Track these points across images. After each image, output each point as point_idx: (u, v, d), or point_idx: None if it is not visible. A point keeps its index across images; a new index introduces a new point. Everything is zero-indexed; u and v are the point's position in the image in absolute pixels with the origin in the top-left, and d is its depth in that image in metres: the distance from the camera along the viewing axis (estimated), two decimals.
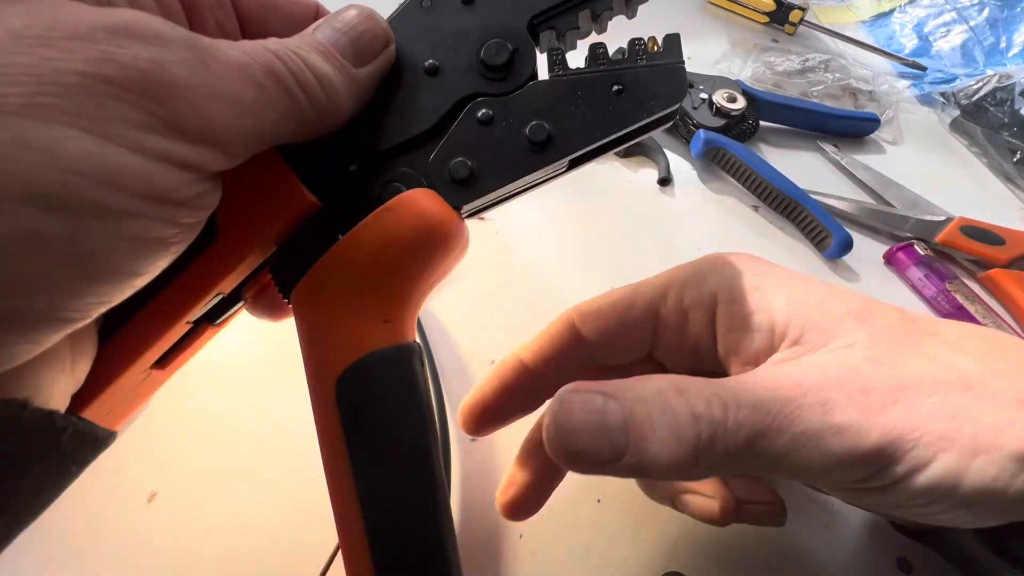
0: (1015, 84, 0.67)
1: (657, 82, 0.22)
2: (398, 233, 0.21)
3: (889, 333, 0.20)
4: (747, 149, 0.56)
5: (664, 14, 0.80)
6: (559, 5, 0.22)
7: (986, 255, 0.53)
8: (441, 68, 0.22)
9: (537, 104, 0.22)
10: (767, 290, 0.22)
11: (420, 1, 0.23)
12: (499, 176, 0.22)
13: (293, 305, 0.22)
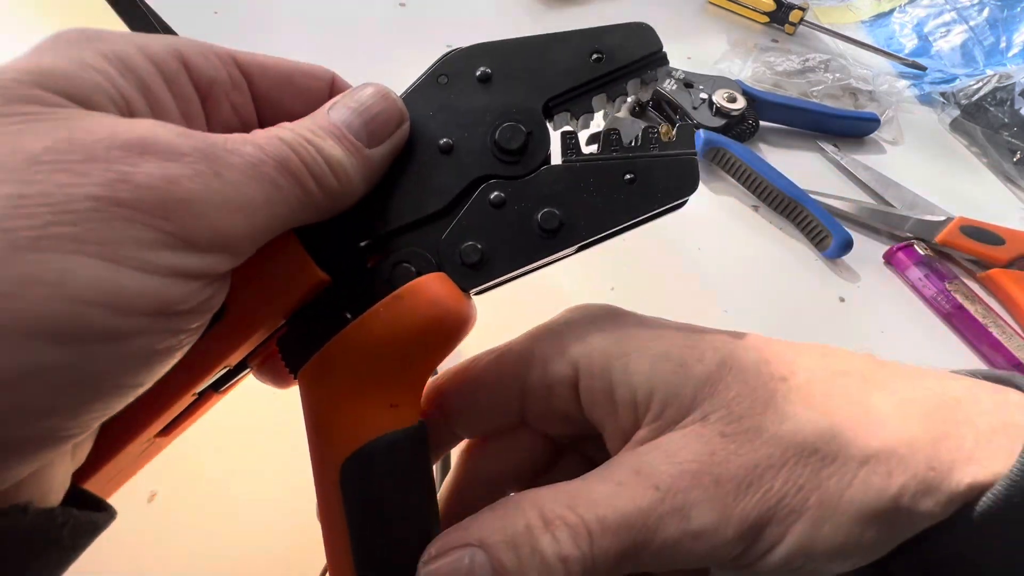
0: (1015, 84, 0.67)
1: (669, 173, 0.22)
2: (408, 322, 0.21)
3: (744, 397, 0.20)
4: (747, 149, 0.56)
5: (664, 14, 0.80)
6: (575, 88, 0.23)
7: (986, 255, 0.53)
8: (455, 147, 0.22)
9: (549, 189, 0.22)
10: (630, 357, 0.21)
11: (436, 77, 0.23)
12: (509, 261, 0.22)
13: (299, 383, 0.22)
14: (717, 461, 0.19)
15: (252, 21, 0.68)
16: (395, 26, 0.70)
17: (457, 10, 0.74)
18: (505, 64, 0.22)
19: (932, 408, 0.19)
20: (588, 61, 0.22)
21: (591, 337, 0.22)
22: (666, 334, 0.22)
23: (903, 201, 0.58)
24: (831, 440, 0.19)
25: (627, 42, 0.23)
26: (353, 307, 0.21)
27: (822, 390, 0.20)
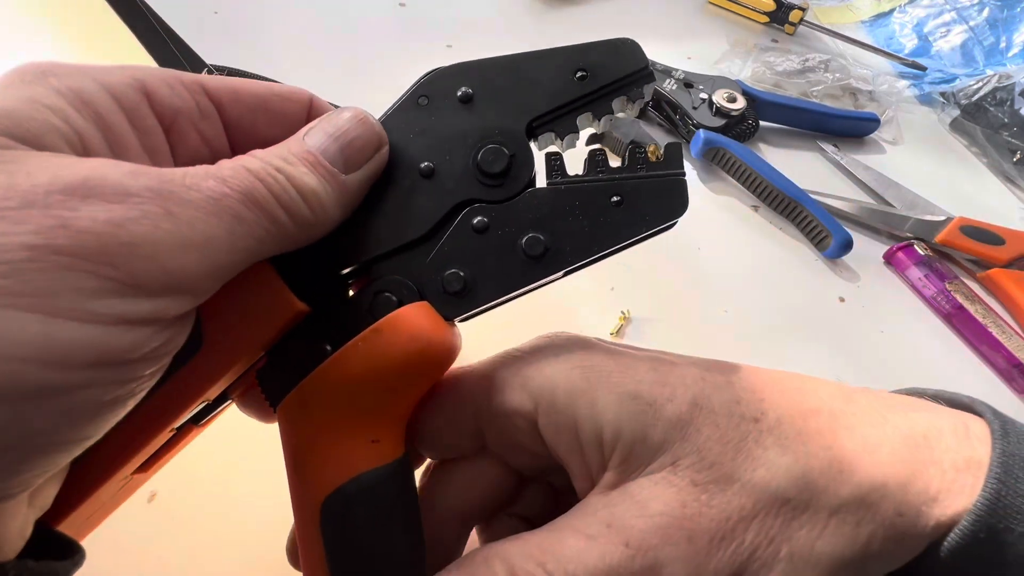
0: (1015, 84, 0.67)
1: (657, 194, 0.21)
2: (388, 355, 0.20)
3: (715, 440, 0.19)
4: (747, 149, 0.56)
5: (664, 14, 0.80)
6: (559, 108, 0.22)
7: (986, 255, 0.53)
8: (436, 171, 0.22)
9: (534, 213, 0.21)
10: (596, 394, 0.20)
11: (417, 98, 0.22)
12: (493, 289, 0.22)
13: (279, 417, 0.21)
14: (689, 514, 0.19)
15: (252, 21, 0.68)
16: (395, 26, 0.70)
17: (457, 10, 0.74)
18: (487, 84, 0.22)
19: (900, 449, 0.19)
20: (572, 79, 0.22)
21: (556, 369, 0.21)
22: (636, 368, 0.21)
23: (903, 201, 0.58)
24: (803, 489, 0.19)
25: (612, 59, 0.22)
26: (333, 338, 0.21)
27: (794, 431, 0.20)
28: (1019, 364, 0.47)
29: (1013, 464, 0.18)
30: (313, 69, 0.63)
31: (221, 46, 0.62)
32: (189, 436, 0.25)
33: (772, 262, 0.53)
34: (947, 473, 0.19)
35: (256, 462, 0.34)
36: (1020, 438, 0.19)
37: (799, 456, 0.19)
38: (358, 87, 0.61)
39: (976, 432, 0.19)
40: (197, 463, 0.34)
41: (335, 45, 0.67)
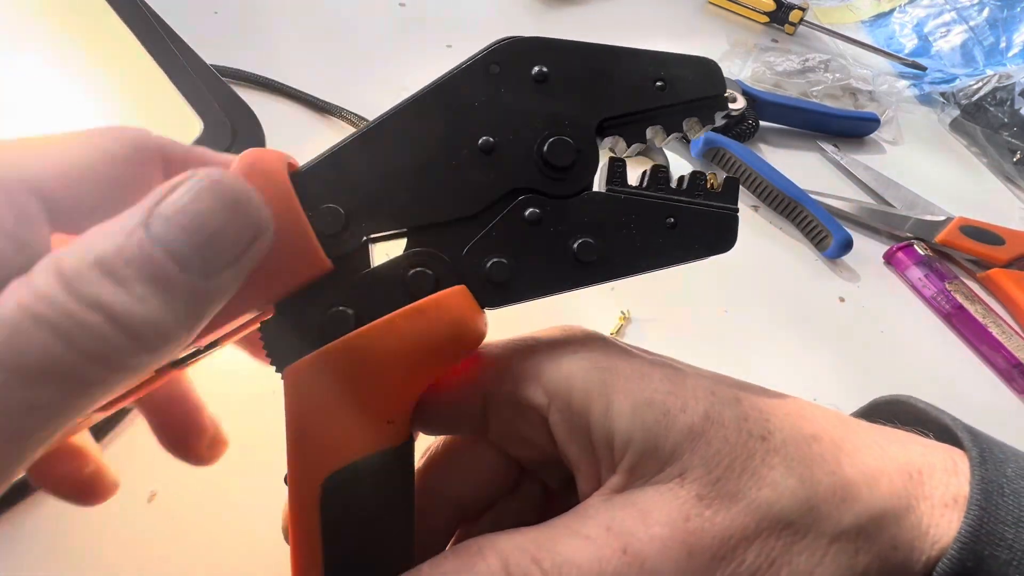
0: (1015, 84, 0.67)
1: (710, 226, 0.21)
2: (428, 338, 0.19)
3: (724, 455, 0.19)
4: (747, 149, 0.56)
5: (664, 14, 0.80)
6: (634, 113, 0.21)
7: (986, 255, 0.53)
8: (496, 149, 0.20)
9: (590, 217, 0.21)
10: (612, 399, 0.20)
11: (488, 64, 0.20)
12: (537, 286, 0.21)
13: (285, 381, 0.20)
14: (691, 529, 0.19)
15: (252, 21, 0.68)
16: (395, 26, 0.70)
17: (457, 10, 0.74)
18: (564, 68, 0.20)
19: (897, 480, 0.19)
20: (652, 86, 0.21)
21: (573, 367, 0.21)
22: (651, 375, 0.21)
23: (903, 201, 0.58)
24: (806, 513, 0.19)
25: (693, 76, 0.21)
26: (356, 304, 0.20)
27: (799, 454, 0.19)
28: (1019, 364, 0.47)
29: (992, 491, 0.18)
30: (313, 69, 0.63)
31: (221, 46, 0.62)
32: (164, 378, 0.23)
33: (772, 262, 0.53)
34: (936, 508, 0.19)
35: (257, 462, 0.34)
36: (997, 464, 0.19)
37: (804, 479, 0.19)
38: (358, 87, 0.61)
39: (963, 469, 0.20)
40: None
41: (335, 45, 0.67)
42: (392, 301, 0.20)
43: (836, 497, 0.19)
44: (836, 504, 0.19)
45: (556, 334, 0.23)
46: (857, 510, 0.19)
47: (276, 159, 0.19)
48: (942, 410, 0.22)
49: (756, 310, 0.49)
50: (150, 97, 0.47)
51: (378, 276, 0.20)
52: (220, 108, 0.50)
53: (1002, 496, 0.18)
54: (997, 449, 0.20)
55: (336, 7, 0.72)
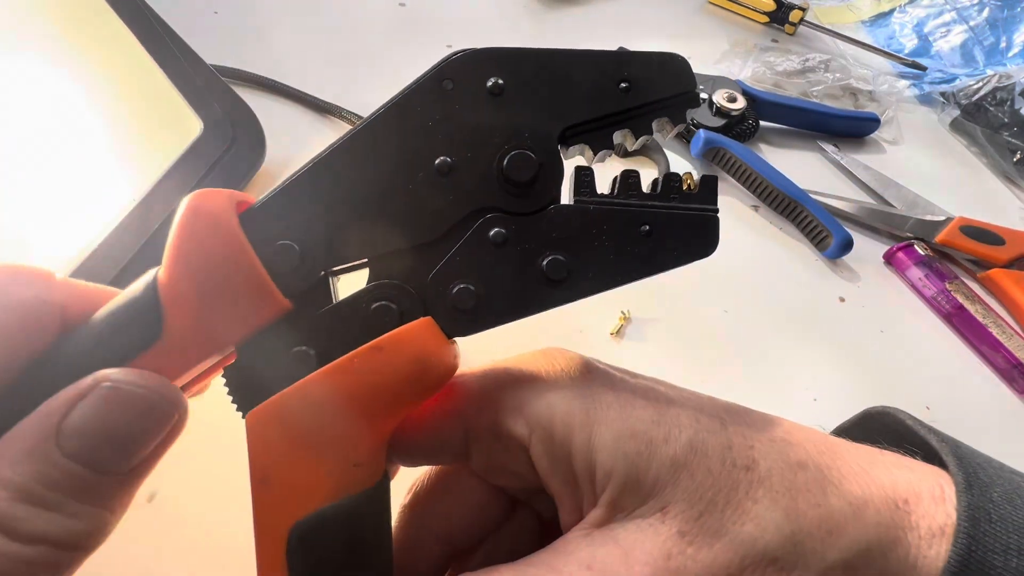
0: (1015, 84, 0.67)
1: (688, 230, 0.20)
2: (388, 377, 0.18)
3: (707, 488, 0.19)
4: (747, 149, 0.56)
5: (664, 14, 0.80)
6: (597, 119, 0.20)
7: (986, 255, 0.53)
8: (454, 169, 0.19)
9: (558, 232, 0.20)
10: (593, 430, 0.20)
11: (441, 80, 0.19)
12: (505, 310, 0.20)
13: (248, 424, 0.19)
14: (673, 567, 0.18)
15: (252, 21, 0.68)
16: (395, 26, 0.70)
17: (457, 10, 0.74)
18: (521, 77, 0.19)
19: (883, 510, 0.19)
20: (615, 89, 0.19)
21: (555, 396, 0.20)
22: (633, 404, 0.20)
23: (903, 201, 0.58)
24: (791, 550, 0.18)
25: (659, 75, 0.20)
26: (317, 343, 0.19)
27: (783, 485, 0.19)
28: (1019, 364, 0.47)
29: (979, 518, 0.18)
30: (313, 69, 0.63)
31: (221, 46, 0.62)
32: None
33: (772, 262, 0.53)
34: (923, 539, 0.18)
35: None
36: (983, 488, 0.19)
37: (789, 513, 0.19)
38: (358, 87, 0.61)
39: (950, 496, 0.19)
40: (197, 463, 0.34)
41: (335, 45, 0.67)
42: (354, 338, 0.19)
43: (822, 531, 0.18)
44: (822, 538, 0.18)
45: (538, 360, 0.22)
46: (843, 545, 0.18)
47: (223, 200, 0.19)
48: (930, 428, 0.22)
49: (756, 310, 0.49)
50: (150, 97, 0.47)
51: (340, 312, 0.19)
52: (220, 108, 0.49)
53: (989, 523, 0.18)
54: (982, 472, 0.19)
55: (336, 7, 0.72)
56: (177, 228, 0.18)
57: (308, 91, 0.59)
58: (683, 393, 0.22)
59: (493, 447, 0.21)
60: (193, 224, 0.18)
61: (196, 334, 0.18)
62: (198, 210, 0.18)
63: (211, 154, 0.48)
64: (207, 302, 0.18)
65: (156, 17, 0.47)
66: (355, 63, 0.64)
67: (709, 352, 0.46)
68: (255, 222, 0.19)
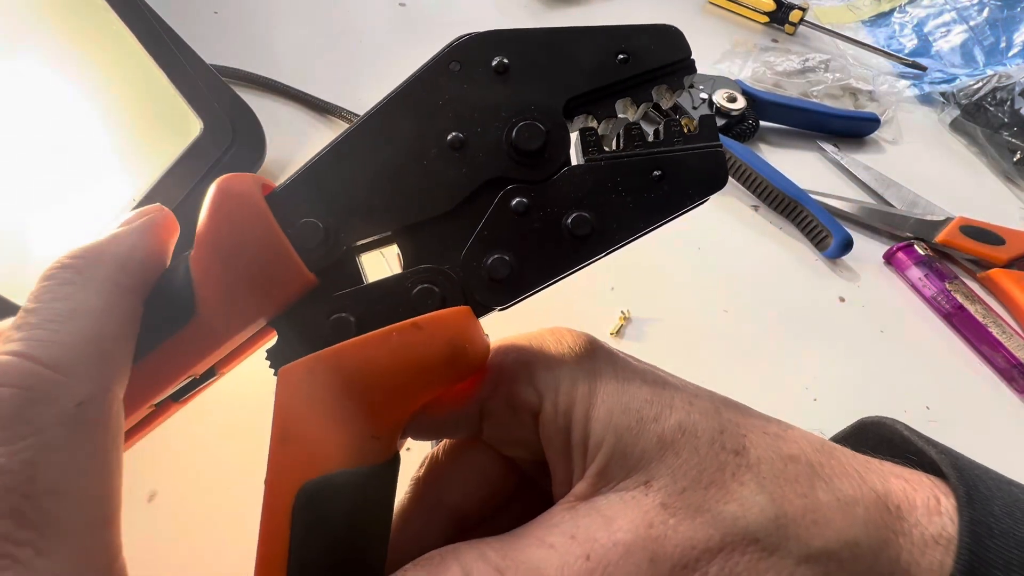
0: (1015, 84, 0.67)
1: (697, 167, 0.21)
2: (420, 355, 0.19)
3: (692, 467, 0.19)
4: (747, 149, 0.56)
5: (664, 14, 0.80)
6: (598, 90, 0.21)
7: (986, 255, 0.53)
8: (466, 143, 0.20)
9: (575, 192, 0.21)
10: (591, 401, 0.20)
11: (448, 63, 0.20)
12: (541, 273, 0.21)
13: (279, 379, 0.20)
14: (654, 536, 0.18)
15: (252, 21, 0.68)
16: (395, 26, 0.70)
17: (457, 10, 0.74)
18: (524, 56, 0.21)
19: (873, 510, 0.19)
20: (614, 61, 0.21)
21: (562, 369, 0.21)
22: (632, 382, 0.21)
23: (903, 201, 0.58)
24: (773, 532, 0.18)
25: (655, 45, 0.21)
26: (358, 313, 0.20)
27: (772, 473, 0.19)
28: (1019, 364, 0.47)
29: (981, 533, 0.18)
30: (313, 69, 0.63)
31: (221, 46, 0.62)
32: (166, 414, 0.23)
33: (772, 262, 0.53)
34: (916, 547, 0.18)
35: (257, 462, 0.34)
36: (984, 502, 0.19)
37: (775, 498, 0.19)
38: (358, 87, 0.61)
39: (946, 507, 0.19)
40: (197, 463, 0.34)
41: (335, 45, 0.67)
42: (395, 314, 0.20)
43: (807, 519, 0.18)
44: (806, 526, 0.18)
45: (546, 337, 0.23)
46: (828, 535, 0.18)
47: (250, 182, 0.20)
48: (929, 440, 0.22)
49: (756, 310, 0.49)
50: (150, 97, 0.47)
51: (383, 288, 0.20)
52: (220, 108, 0.50)
53: (991, 538, 0.18)
54: (982, 484, 0.19)
55: (336, 7, 0.72)
56: (208, 209, 0.19)
57: (308, 91, 0.59)
58: (683, 381, 0.22)
59: (507, 418, 0.22)
60: (223, 204, 0.19)
61: (228, 310, 0.19)
62: (228, 191, 0.19)
63: (211, 154, 0.48)
64: (237, 279, 0.19)
65: (156, 17, 0.47)
66: (355, 63, 0.64)
67: (709, 352, 0.46)
68: (280, 202, 0.20)
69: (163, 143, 0.47)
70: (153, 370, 0.19)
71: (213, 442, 0.35)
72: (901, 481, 0.20)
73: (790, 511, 0.19)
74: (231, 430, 0.35)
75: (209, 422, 0.35)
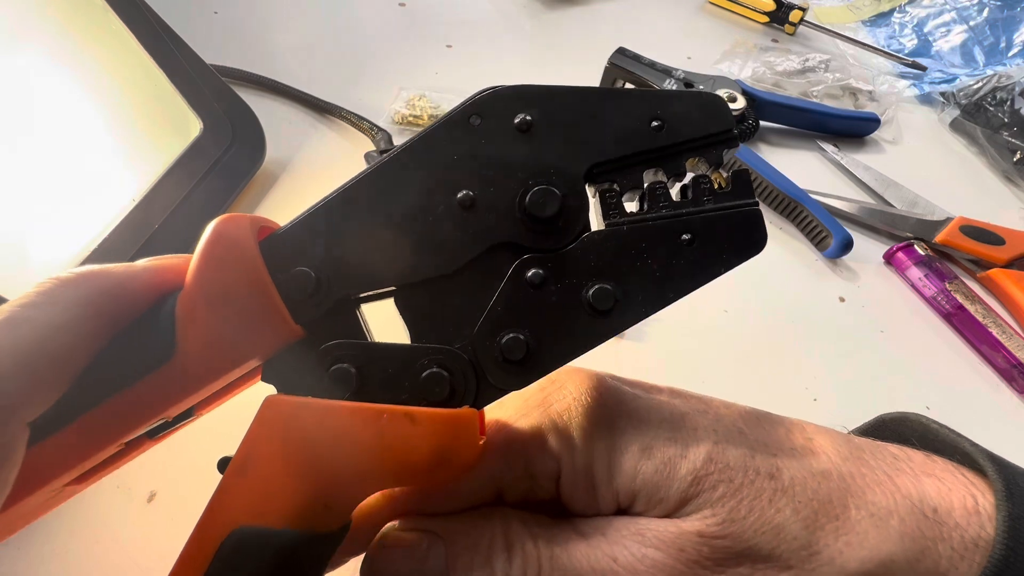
0: (1015, 84, 0.67)
1: (731, 229, 0.19)
2: (407, 450, 0.18)
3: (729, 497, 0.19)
4: (747, 149, 0.56)
5: (664, 14, 0.80)
6: (626, 157, 0.19)
7: (986, 255, 0.53)
8: (477, 203, 0.19)
9: (596, 261, 0.19)
10: (612, 455, 0.20)
11: (469, 116, 0.19)
12: (560, 353, 0.19)
13: (262, 406, 0.19)
14: (684, 559, 0.18)
15: (252, 21, 0.68)
16: (395, 26, 0.70)
17: (457, 10, 0.74)
18: (551, 114, 0.19)
19: (909, 520, 0.19)
20: (647, 128, 0.19)
21: (573, 429, 0.21)
22: (649, 421, 0.20)
23: (903, 201, 0.58)
24: (808, 559, 0.18)
25: (694, 114, 0.19)
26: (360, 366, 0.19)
27: (806, 496, 0.19)
28: (1019, 364, 0.47)
29: (1019, 528, 0.18)
30: (313, 69, 0.63)
31: (221, 46, 0.62)
32: (139, 450, 0.22)
33: (772, 262, 0.53)
34: (956, 552, 0.18)
35: None
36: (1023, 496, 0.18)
37: (808, 524, 0.18)
38: (358, 87, 0.61)
39: (984, 505, 0.19)
40: (197, 463, 0.34)
41: (335, 45, 0.67)
42: (399, 387, 0.19)
43: (840, 542, 0.18)
44: (840, 549, 0.18)
45: (548, 391, 0.22)
46: (863, 555, 0.18)
47: (245, 226, 0.19)
48: (960, 434, 0.21)
49: (756, 310, 0.49)
50: (150, 97, 0.47)
51: (394, 355, 0.19)
52: (220, 108, 0.50)
53: None
54: (1021, 479, 0.19)
55: (336, 7, 0.72)
56: (200, 252, 0.19)
57: (308, 91, 0.59)
58: (699, 404, 0.22)
59: (526, 486, 0.21)
60: (214, 248, 0.19)
61: (208, 354, 0.18)
62: (220, 235, 0.19)
63: (211, 154, 0.48)
64: (220, 323, 0.18)
65: (156, 17, 0.47)
66: (355, 63, 0.64)
67: (709, 352, 0.46)
68: (277, 247, 0.19)
69: (163, 143, 0.47)
70: (124, 408, 0.18)
71: (213, 442, 0.35)
72: (935, 480, 0.20)
73: (822, 536, 0.18)
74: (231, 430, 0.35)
75: (209, 422, 0.35)
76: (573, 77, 0.66)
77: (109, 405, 0.18)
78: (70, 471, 0.19)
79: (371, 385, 0.19)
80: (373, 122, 0.57)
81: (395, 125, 0.58)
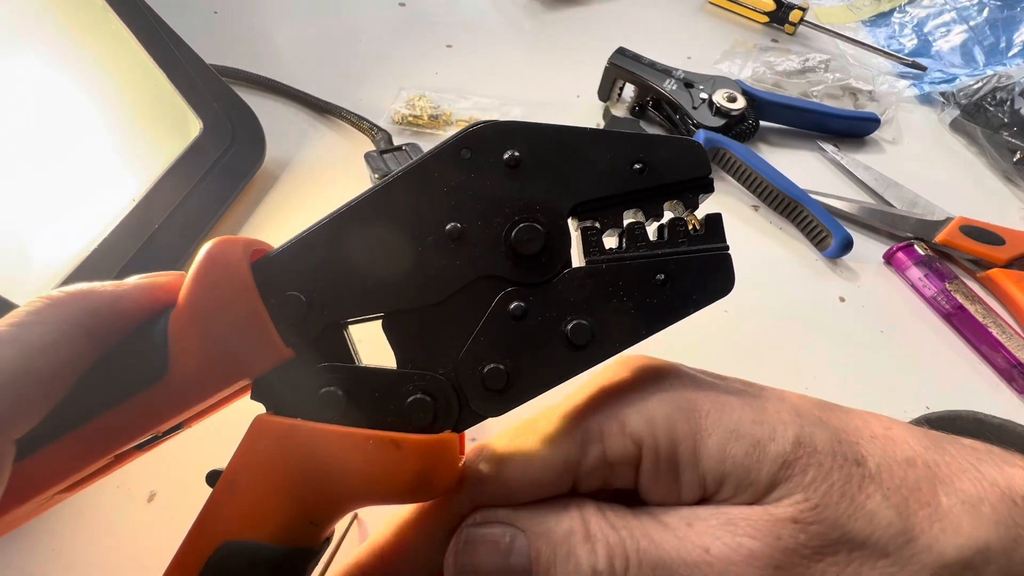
0: (1015, 84, 0.67)
1: (703, 271, 0.20)
2: (390, 474, 0.19)
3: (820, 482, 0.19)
4: (747, 149, 0.56)
5: (664, 14, 0.80)
6: (611, 198, 0.20)
7: (986, 255, 0.53)
8: (464, 235, 0.20)
9: (575, 296, 0.20)
10: (697, 438, 0.20)
11: (459, 149, 0.20)
12: (537, 383, 0.20)
13: (252, 425, 0.20)
14: (781, 547, 0.18)
15: (252, 21, 0.68)
16: (395, 26, 0.70)
17: (457, 10, 0.74)
18: (538, 152, 0.20)
19: (1000, 507, 0.18)
20: (629, 170, 0.20)
21: (652, 409, 0.20)
22: (731, 405, 0.20)
23: (903, 201, 0.58)
24: (904, 546, 0.18)
25: (674, 159, 0.20)
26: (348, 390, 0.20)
27: (894, 482, 0.19)
28: (1019, 364, 0.47)
29: None
30: (313, 69, 0.63)
31: (221, 46, 0.62)
32: (128, 459, 0.22)
33: (772, 262, 0.53)
34: None
35: None
36: None
37: (901, 511, 0.18)
38: (358, 87, 0.61)
39: None
40: (197, 463, 0.34)
41: (335, 45, 0.67)
42: (384, 412, 0.20)
43: (935, 529, 0.18)
44: (935, 536, 0.18)
45: (622, 373, 0.22)
46: (958, 542, 0.18)
47: (239, 250, 0.20)
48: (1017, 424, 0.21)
49: (756, 310, 0.49)
50: (150, 97, 0.47)
51: (379, 380, 0.20)
52: (220, 108, 0.50)
53: None
54: None
55: (336, 7, 0.72)
56: (194, 274, 0.19)
57: (308, 91, 0.59)
58: (774, 392, 0.22)
59: (604, 474, 0.21)
60: (208, 270, 0.19)
61: (199, 374, 0.19)
62: (214, 258, 0.19)
63: (211, 154, 0.48)
64: (212, 345, 0.19)
65: (156, 17, 0.47)
66: (355, 63, 0.64)
67: (709, 352, 0.46)
68: (269, 269, 0.20)
69: (163, 143, 0.47)
70: (116, 424, 0.19)
71: (213, 442, 0.35)
72: (1019, 469, 0.19)
73: (917, 523, 0.18)
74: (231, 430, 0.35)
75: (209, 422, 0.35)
76: (573, 77, 0.66)
77: (101, 420, 0.19)
78: (58, 484, 0.19)
79: (358, 408, 0.20)
80: (373, 122, 0.57)
81: (395, 125, 0.58)
